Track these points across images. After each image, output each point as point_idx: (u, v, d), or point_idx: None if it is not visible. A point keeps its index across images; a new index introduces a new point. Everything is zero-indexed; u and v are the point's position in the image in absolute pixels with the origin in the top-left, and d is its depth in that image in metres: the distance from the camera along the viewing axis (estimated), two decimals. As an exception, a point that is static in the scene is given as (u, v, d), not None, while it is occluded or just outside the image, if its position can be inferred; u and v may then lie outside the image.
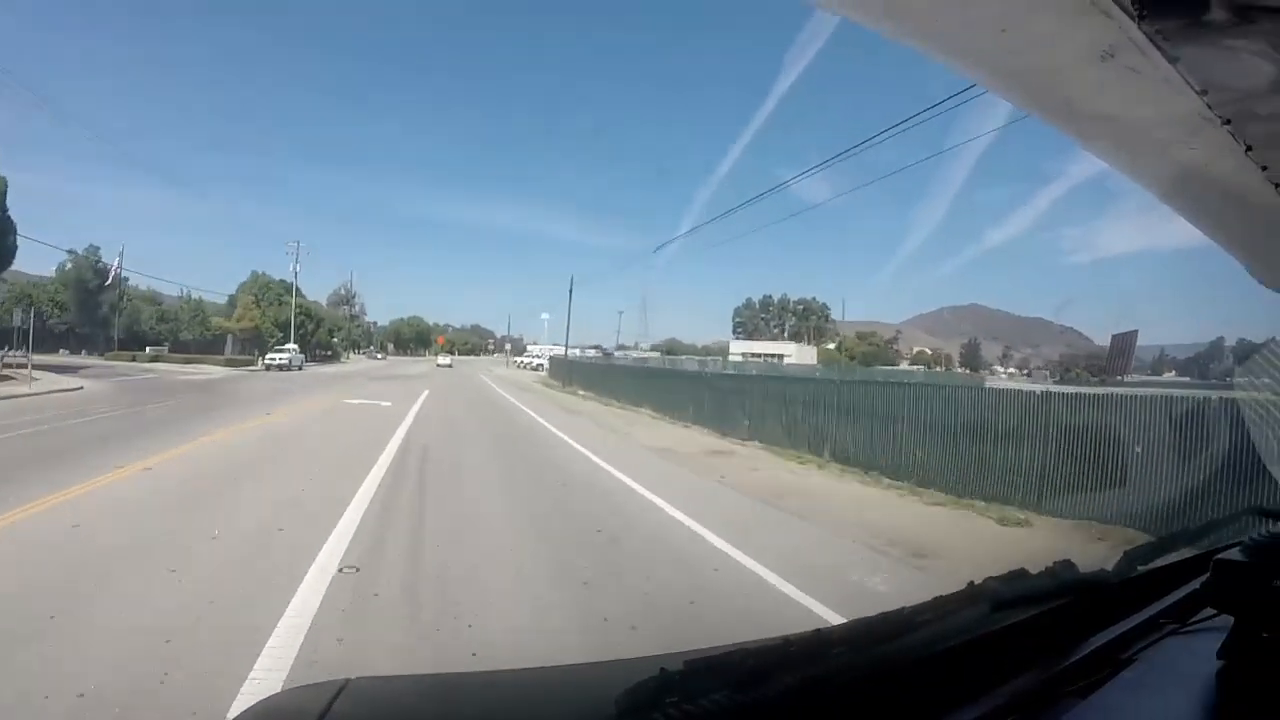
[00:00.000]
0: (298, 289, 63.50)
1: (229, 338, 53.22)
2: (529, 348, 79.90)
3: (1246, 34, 0.93)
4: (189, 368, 37.30)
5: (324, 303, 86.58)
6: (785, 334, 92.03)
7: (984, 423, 8.93)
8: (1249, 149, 1.14)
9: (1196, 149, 1.17)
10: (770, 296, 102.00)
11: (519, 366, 69.74)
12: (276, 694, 0.88)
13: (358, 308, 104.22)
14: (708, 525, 6.73)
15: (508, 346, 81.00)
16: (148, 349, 45.14)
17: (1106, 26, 0.91)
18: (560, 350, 57.27)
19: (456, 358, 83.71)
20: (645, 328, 77.15)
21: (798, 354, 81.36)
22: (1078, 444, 7.82)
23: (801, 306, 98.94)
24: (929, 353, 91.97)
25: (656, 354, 74.56)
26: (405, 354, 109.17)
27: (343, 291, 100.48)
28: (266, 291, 60.96)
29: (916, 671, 0.92)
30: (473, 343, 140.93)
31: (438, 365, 60.17)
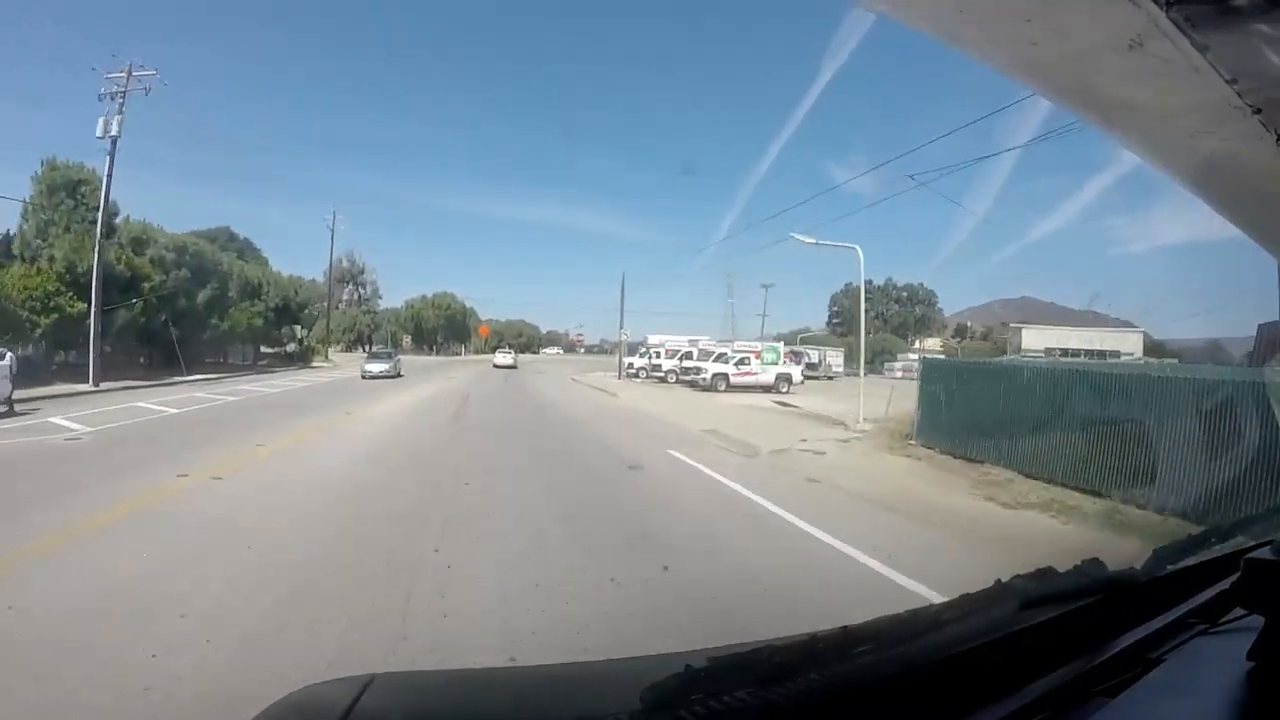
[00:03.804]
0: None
1: None
2: (649, 339, 40.92)
3: (1277, 21, 0.91)
4: None
5: (321, 281, 56.82)
6: (887, 324, 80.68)
7: None
8: None
9: (1226, 138, 1.15)
10: (871, 281, 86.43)
11: (665, 378, 31.90)
12: (303, 688, 0.89)
13: (367, 289, 75.83)
14: None
15: (624, 335, 41.18)
16: None
17: (1134, 14, 0.90)
18: (685, 341, 35.34)
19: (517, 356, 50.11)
20: (732, 320, 57.12)
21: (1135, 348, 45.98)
22: None
23: (905, 293, 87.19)
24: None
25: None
26: (429, 351, 75.15)
27: (345, 265, 70.60)
28: (60, 200, 25.04)
29: (943, 670, 0.91)
30: (528, 335, 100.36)
31: (495, 366, 40.56)
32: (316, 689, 0.87)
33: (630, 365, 35.95)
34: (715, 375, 27.72)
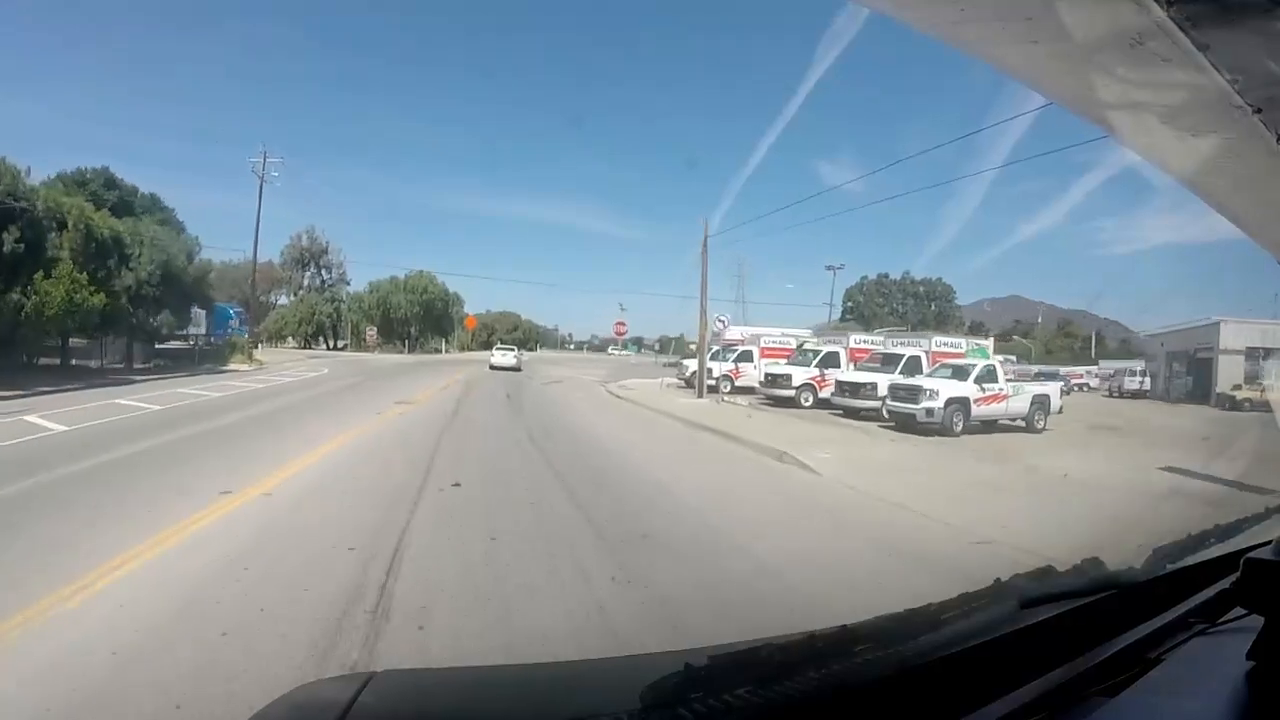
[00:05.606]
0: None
1: None
2: (726, 334, 24.09)
3: (1277, 20, 0.91)
4: None
5: (276, 262, 52.42)
6: (904, 320, 76.63)
7: None
8: None
9: (1226, 138, 1.15)
10: (887, 274, 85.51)
11: (797, 397, 18.17)
12: (304, 685, 0.89)
13: (332, 273, 60.59)
14: None
15: (723, 323, 23.25)
16: None
17: (1135, 13, 0.89)
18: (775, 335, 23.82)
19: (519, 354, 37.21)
20: (742, 308, 49.12)
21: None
22: None
23: (923, 288, 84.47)
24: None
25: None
26: (402, 348, 58.18)
27: (305, 243, 58.85)
28: None
29: (942, 668, 0.91)
30: (524, 328, 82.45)
31: (492, 367, 31.75)
32: (316, 686, 0.87)
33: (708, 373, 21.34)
34: (951, 404, 13.46)
